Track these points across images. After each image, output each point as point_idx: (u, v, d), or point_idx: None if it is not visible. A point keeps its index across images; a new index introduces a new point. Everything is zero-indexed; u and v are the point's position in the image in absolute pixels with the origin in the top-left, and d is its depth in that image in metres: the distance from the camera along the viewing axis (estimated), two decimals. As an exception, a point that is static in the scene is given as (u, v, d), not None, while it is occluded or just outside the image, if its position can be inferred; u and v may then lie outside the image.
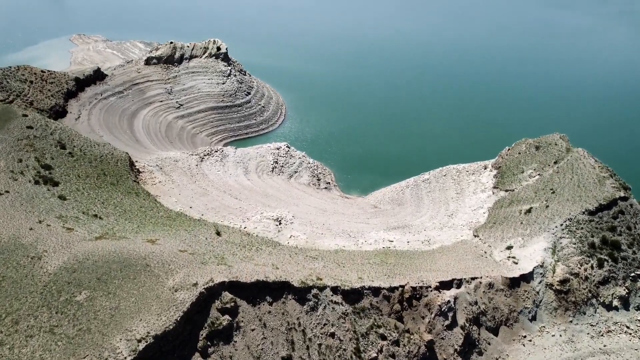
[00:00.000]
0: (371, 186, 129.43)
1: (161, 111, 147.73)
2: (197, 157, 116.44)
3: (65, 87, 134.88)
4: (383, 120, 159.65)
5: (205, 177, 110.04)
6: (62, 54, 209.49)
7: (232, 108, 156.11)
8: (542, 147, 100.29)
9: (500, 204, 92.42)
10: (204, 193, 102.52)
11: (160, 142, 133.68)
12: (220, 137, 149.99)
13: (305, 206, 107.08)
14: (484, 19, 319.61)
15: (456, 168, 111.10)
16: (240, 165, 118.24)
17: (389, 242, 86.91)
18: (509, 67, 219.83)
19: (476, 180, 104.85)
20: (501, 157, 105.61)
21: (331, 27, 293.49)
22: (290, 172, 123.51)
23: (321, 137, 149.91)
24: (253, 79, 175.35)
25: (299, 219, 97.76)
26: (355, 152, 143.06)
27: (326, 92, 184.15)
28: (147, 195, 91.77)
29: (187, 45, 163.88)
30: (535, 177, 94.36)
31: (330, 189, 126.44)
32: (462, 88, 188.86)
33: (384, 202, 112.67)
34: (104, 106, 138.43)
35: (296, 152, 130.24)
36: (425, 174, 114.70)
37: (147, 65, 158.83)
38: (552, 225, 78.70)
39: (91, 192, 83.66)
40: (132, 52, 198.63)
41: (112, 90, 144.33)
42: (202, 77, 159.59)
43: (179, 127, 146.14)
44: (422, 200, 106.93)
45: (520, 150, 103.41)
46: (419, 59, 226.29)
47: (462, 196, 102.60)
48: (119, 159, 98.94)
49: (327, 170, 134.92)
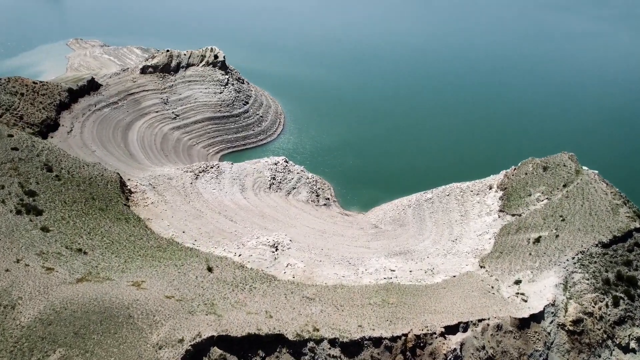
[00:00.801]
0: (372, 202, 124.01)
1: (157, 122, 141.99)
2: (191, 174, 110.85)
3: (57, 98, 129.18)
4: (384, 132, 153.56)
5: (200, 196, 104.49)
6: (59, 60, 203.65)
7: (229, 118, 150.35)
8: (550, 168, 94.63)
9: (506, 230, 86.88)
10: (197, 215, 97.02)
11: (155, 156, 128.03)
12: (217, 149, 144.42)
13: (304, 227, 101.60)
14: (485, 24, 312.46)
15: (460, 187, 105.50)
16: (236, 182, 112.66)
17: (390, 272, 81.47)
18: (513, 76, 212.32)
19: (481, 202, 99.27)
20: (507, 177, 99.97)
21: (332, 31, 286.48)
22: (289, 189, 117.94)
23: (320, 149, 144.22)
24: (251, 87, 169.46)
25: (297, 243, 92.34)
26: (355, 165, 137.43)
27: (326, 100, 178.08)
28: (137, 221, 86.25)
29: (184, 53, 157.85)
30: (543, 201, 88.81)
31: (329, 205, 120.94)
32: (466, 99, 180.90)
33: (385, 221, 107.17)
34: (97, 118, 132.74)
35: (294, 167, 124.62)
36: (428, 192, 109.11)
37: (143, 74, 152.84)
38: (563, 258, 73.20)
39: (77, 220, 78.14)
40: (128, 58, 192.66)
41: (106, 101, 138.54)
42: (199, 87, 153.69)
43: (175, 139, 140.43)
44: (424, 222, 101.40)
45: (527, 171, 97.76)
46: (422, 67, 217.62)
47: (467, 219, 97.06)
48: (109, 181, 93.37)
49: (327, 184, 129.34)
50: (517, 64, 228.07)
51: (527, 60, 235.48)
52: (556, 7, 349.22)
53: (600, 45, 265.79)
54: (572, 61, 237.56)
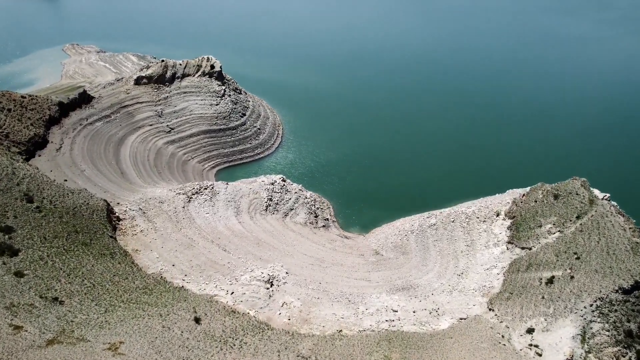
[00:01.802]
0: (373, 221, 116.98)
1: (150, 136, 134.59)
2: (184, 196, 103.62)
3: (47, 113, 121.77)
4: (386, 146, 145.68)
5: (192, 222, 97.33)
6: (54, 66, 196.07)
7: (225, 131, 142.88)
8: (562, 196, 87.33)
9: (516, 266, 79.81)
10: (189, 245, 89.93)
11: (148, 174, 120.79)
12: (212, 164, 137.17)
13: (301, 255, 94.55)
14: (487, 29, 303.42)
15: (465, 212, 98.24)
16: (231, 205, 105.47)
17: (392, 313, 74.53)
18: (517, 85, 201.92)
19: (488, 231, 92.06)
20: (515, 205, 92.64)
21: (333, 36, 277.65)
22: (286, 210, 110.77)
23: (319, 164, 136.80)
24: (249, 97, 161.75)
25: (293, 275, 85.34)
26: (355, 181, 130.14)
27: (326, 109, 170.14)
28: (123, 256, 79.20)
29: (180, 63, 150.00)
30: (554, 234, 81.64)
31: (328, 226, 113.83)
32: (469, 112, 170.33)
33: (387, 247, 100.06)
34: (89, 133, 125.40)
35: (292, 186, 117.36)
36: (431, 216, 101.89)
37: (137, 85, 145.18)
38: (580, 304, 66.18)
39: (57, 259, 71.04)
40: (124, 66, 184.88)
41: (98, 115, 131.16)
42: (195, 98, 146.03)
43: (169, 154, 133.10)
44: (428, 251, 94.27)
45: (537, 198, 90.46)
46: (426, 76, 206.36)
47: (473, 250, 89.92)
48: (95, 209, 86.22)
49: (326, 203, 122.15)
50: (522, 72, 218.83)
51: (531, 67, 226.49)
52: (559, 11, 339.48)
53: (604, 50, 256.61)
54: (578, 67, 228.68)
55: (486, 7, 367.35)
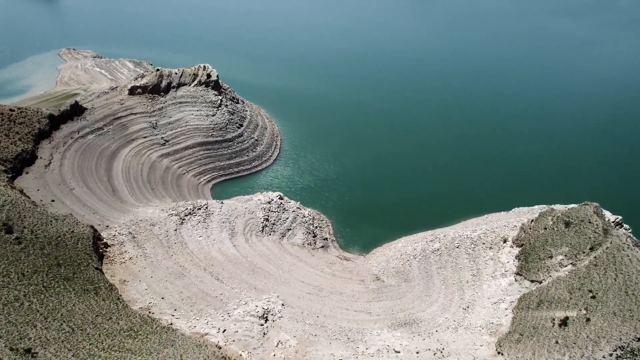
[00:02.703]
0: (374, 241, 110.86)
1: (144, 149, 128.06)
2: (176, 217, 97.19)
3: (37, 127, 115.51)
4: (387, 160, 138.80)
5: (185, 247, 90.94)
6: (49, 72, 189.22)
7: (222, 143, 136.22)
8: (573, 225, 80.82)
9: (526, 302, 73.50)
10: (180, 274, 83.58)
11: (140, 191, 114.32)
12: (208, 177, 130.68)
13: (298, 283, 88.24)
14: (489, 34, 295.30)
15: (470, 238, 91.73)
16: (226, 226, 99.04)
17: (394, 355, 68.32)
18: (522, 94, 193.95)
19: (494, 259, 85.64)
20: (524, 232, 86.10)
21: (334, 40, 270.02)
22: (283, 231, 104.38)
23: (318, 178, 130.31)
24: (246, 106, 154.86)
25: (290, 308, 79.12)
26: (355, 197, 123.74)
27: (324, 118, 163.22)
28: (109, 291, 72.79)
29: (175, 72, 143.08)
30: (567, 267, 75.25)
31: (327, 246, 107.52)
32: (473, 124, 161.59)
33: (388, 272, 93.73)
34: (80, 147, 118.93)
35: (290, 204, 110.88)
36: (435, 240, 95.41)
37: (131, 95, 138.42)
38: (599, 353, 59.91)
39: (34, 299, 64.70)
40: (120, 72, 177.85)
41: (90, 127, 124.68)
42: (191, 108, 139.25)
43: (164, 168, 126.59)
44: (432, 279, 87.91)
45: (547, 225, 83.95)
46: (429, 88, 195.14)
47: (479, 280, 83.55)
48: (81, 238, 79.79)
49: (325, 220, 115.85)
50: (527, 80, 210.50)
51: (537, 73, 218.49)
52: (562, 14, 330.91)
53: (610, 55, 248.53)
54: (585, 73, 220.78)
55: (490, 12, 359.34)
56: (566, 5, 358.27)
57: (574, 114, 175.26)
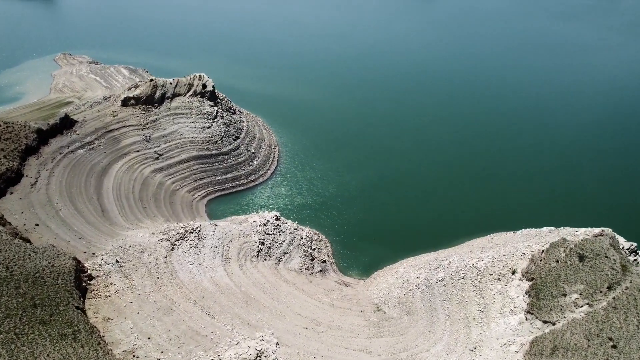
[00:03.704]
0: (374, 262, 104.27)
1: (137, 164, 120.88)
2: (167, 243, 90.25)
3: (24, 142, 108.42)
4: (389, 176, 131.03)
5: (175, 276, 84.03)
6: (44, 78, 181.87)
7: (217, 157, 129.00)
8: (588, 258, 73.82)
9: (539, 347, 66.59)
10: (169, 309, 76.71)
11: (131, 210, 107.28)
12: (203, 193, 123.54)
13: (295, 316, 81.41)
14: (492, 39, 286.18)
15: (477, 267, 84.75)
16: (219, 251, 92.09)
17: (398, 408, 61.56)
18: (527, 104, 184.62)
19: (503, 293, 78.74)
20: (534, 263, 79.10)
21: (336, 45, 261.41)
22: (279, 255, 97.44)
23: (317, 193, 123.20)
24: (243, 116, 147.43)
25: (285, 347, 72.37)
26: (355, 215, 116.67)
27: (325, 130, 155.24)
28: (89, 335, 65.78)
29: (170, 82, 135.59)
30: (582, 308, 68.33)
31: (326, 270, 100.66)
32: (479, 137, 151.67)
33: (390, 302, 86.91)
34: (69, 162, 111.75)
35: (287, 225, 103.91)
36: (439, 268, 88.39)
37: (124, 106, 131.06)
38: (623, 416, 53.05)
39: (3, 350, 57.86)
40: (115, 80, 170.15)
41: (81, 141, 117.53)
42: (185, 120, 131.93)
43: (157, 183, 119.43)
44: (436, 313, 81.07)
45: (559, 257, 76.94)
46: (434, 103, 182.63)
47: (487, 317, 76.69)
48: (61, 273, 72.73)
49: (323, 240, 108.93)
50: (534, 88, 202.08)
51: (543, 83, 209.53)
52: (565, 17, 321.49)
53: (617, 60, 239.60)
54: (593, 82, 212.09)
55: (491, 13, 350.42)
56: (569, 7, 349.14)
57: (583, 126, 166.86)
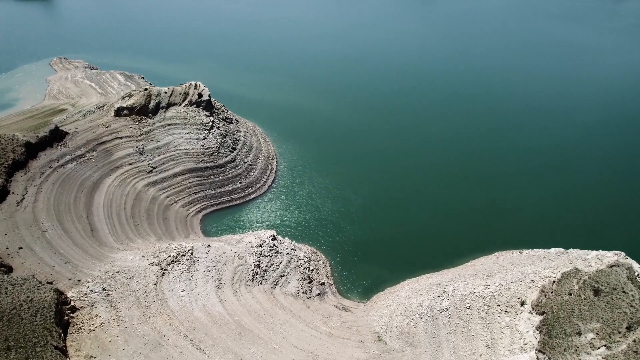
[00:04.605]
0: (375, 282, 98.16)
1: (130, 177, 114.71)
2: (157, 267, 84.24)
3: (11, 157, 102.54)
4: (391, 190, 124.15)
5: (165, 305, 78.07)
6: (39, 84, 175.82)
7: (213, 169, 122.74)
8: (604, 293, 67.69)
9: (553, 393, 60.64)
10: (157, 343, 70.78)
11: (122, 228, 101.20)
12: (198, 207, 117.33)
13: (291, 349, 75.50)
14: (494, 45, 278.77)
15: (483, 296, 78.72)
16: (212, 276, 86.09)
17: None
18: (535, 119, 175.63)
19: (512, 326, 72.72)
20: (544, 295, 73.01)
21: (338, 49, 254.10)
22: (276, 278, 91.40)
23: (316, 208, 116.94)
24: (240, 125, 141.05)
25: (280, 387, 66.49)
26: (355, 232, 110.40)
27: (325, 139, 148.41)
28: (67, 379, 60.12)
29: (165, 92, 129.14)
30: (600, 350, 62.25)
31: (324, 292, 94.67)
32: (482, 155, 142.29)
33: (391, 331, 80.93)
34: (59, 177, 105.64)
35: (284, 244, 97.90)
36: (443, 295, 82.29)
37: (117, 116, 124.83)
38: None
39: (-28, 404, 52.13)
40: (110, 86, 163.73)
41: (71, 154, 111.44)
42: (180, 131, 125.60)
43: (150, 198, 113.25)
44: (440, 347, 75.10)
45: (571, 290, 70.83)
46: (439, 114, 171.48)
47: (495, 353, 70.70)
48: (40, 308, 66.75)
49: (322, 259, 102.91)
50: (535, 92, 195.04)
51: (547, 86, 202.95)
52: (566, 18, 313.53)
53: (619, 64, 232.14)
54: (598, 83, 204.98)
55: (491, 16, 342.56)
56: (570, 9, 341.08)
57: (591, 138, 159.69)
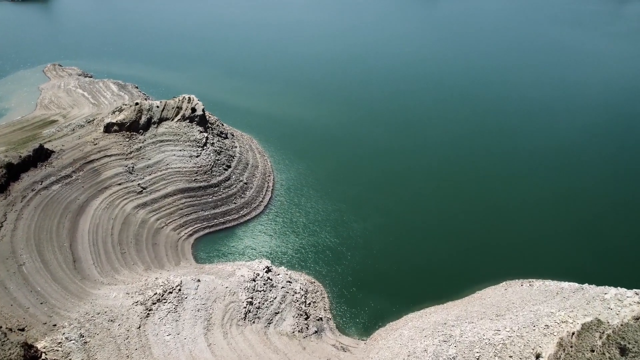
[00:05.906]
0: (375, 316, 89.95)
1: (118, 199, 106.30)
2: (142, 307, 76.05)
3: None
4: (393, 216, 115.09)
5: (148, 354, 69.90)
6: (31, 92, 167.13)
7: (206, 189, 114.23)
8: (631, 353, 59.33)
9: None
10: (136, 402, 62.76)
11: (108, 257, 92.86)
12: (190, 230, 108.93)
13: (284, 403, 67.50)
14: (496, 52, 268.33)
15: (493, 344, 70.46)
16: (201, 316, 77.89)
17: None
18: (535, 125, 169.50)
19: (527, 384, 64.56)
20: (563, 350, 64.67)
21: (337, 56, 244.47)
22: (269, 316, 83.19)
23: (314, 234, 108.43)
24: (235, 139, 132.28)
25: None
26: (356, 260, 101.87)
27: (326, 155, 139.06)
28: None
29: (157, 106, 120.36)
30: (629, 422, 54.02)
31: (322, 329, 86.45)
32: (487, 179, 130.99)
33: (393, 379, 72.85)
34: (42, 201, 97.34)
35: (279, 276, 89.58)
36: (449, 340, 74.16)
37: (107, 133, 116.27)
38: None
39: None
40: (103, 96, 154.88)
41: (56, 175, 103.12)
42: (173, 148, 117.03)
43: (139, 222, 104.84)
44: (447, 403, 67.01)
45: (594, 346, 62.47)
46: (444, 129, 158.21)
47: (509, 416, 62.59)
48: (5, 367, 58.72)
49: (320, 290, 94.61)
50: (544, 105, 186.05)
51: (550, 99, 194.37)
52: (567, 22, 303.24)
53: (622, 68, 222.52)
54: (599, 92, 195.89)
55: (492, 17, 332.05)
56: (572, 12, 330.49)
57: (603, 157, 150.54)
